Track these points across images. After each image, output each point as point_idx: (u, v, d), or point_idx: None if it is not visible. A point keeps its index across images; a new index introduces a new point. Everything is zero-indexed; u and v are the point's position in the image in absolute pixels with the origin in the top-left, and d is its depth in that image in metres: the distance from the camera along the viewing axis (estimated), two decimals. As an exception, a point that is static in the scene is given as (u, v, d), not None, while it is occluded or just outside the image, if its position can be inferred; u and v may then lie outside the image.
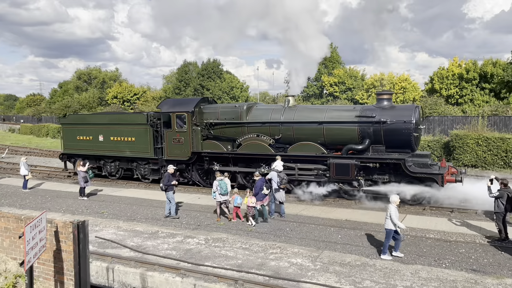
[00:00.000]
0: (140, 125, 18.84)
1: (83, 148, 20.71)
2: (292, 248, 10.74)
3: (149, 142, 18.68)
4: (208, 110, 18.24)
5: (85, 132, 20.51)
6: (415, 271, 9.12)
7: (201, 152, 17.97)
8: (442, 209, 14.04)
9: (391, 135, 14.96)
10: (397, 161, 14.42)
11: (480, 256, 9.94)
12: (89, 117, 22.36)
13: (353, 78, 46.50)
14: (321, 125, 15.96)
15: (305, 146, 16.17)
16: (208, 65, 56.61)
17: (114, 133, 19.59)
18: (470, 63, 40.59)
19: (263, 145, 16.79)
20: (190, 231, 12.39)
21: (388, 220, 9.89)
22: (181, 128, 18.10)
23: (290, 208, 14.78)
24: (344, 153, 15.43)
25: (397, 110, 15.39)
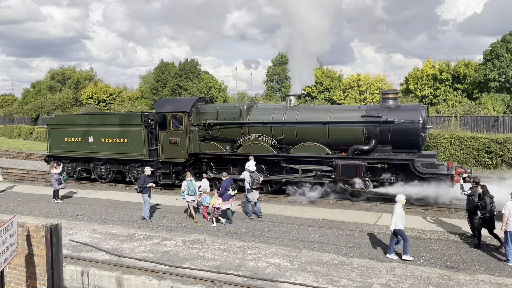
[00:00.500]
0: (134, 126, 18.13)
1: (71, 150, 19.85)
2: (270, 248, 10.75)
3: (143, 144, 17.99)
4: (206, 110, 17.65)
5: (74, 133, 19.63)
6: (390, 268, 9.26)
7: (199, 154, 17.32)
8: (416, 207, 14.31)
9: (398, 135, 14.73)
10: (406, 162, 14.18)
11: (453, 253, 10.18)
12: (78, 117, 21.40)
13: (330, 79, 47.02)
14: (325, 125, 15.59)
15: (309, 147, 15.77)
16: (185, 65, 56.22)
17: (105, 134, 18.82)
18: (443, 64, 41.60)
19: (265, 146, 16.22)
20: (168, 233, 12.25)
21: (392, 219, 9.85)
22: (177, 128, 17.45)
23: (268, 208, 14.80)
24: (350, 154, 15.11)
25: (404, 109, 15.17)
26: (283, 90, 51.39)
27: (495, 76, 38.00)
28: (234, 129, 17.17)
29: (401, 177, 14.42)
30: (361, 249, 10.61)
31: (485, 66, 39.20)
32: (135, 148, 18.22)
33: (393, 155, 14.82)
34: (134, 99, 56.25)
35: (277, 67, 52.58)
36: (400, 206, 9.95)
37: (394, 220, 9.81)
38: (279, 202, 15.93)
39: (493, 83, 37.88)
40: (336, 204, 15.32)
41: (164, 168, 17.91)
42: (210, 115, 17.40)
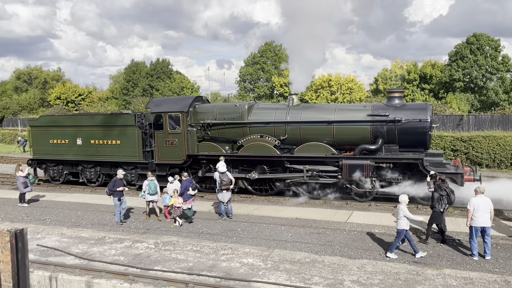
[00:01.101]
0: (127, 127, 17.43)
1: (57, 153, 18.94)
2: (244, 248, 10.77)
3: (137, 145, 17.32)
4: (204, 109, 17.14)
5: (60, 135, 18.74)
6: (361, 265, 9.44)
7: (197, 155, 16.78)
8: (386, 204, 14.64)
9: (406, 134, 14.56)
10: (415, 161, 14.02)
11: (421, 249, 10.46)
12: (65, 118, 20.31)
13: (302, 79, 47.40)
14: (330, 124, 15.31)
15: (313, 147, 15.44)
16: (157, 65, 55.54)
17: (95, 135, 18.03)
18: (411, 65, 42.74)
19: (268, 146, 15.81)
20: (139, 236, 12.08)
21: (401, 221, 9.89)
22: (174, 129, 16.86)
23: (241, 208, 14.82)
24: (357, 154, 14.83)
25: (411, 108, 15.04)
26: (256, 91, 51.54)
27: (460, 77, 39.35)
28: (234, 129, 16.67)
29: (408, 176, 14.26)
30: (333, 247, 10.77)
31: (451, 67, 40.54)
32: (128, 149, 17.50)
33: (400, 155, 14.64)
34: (104, 100, 55.15)
35: (249, 68, 52.65)
36: (405, 205, 10.00)
37: (412, 217, 9.97)
38: (253, 202, 15.97)
39: (458, 83, 39.21)
40: (308, 203, 15.48)
41: (159, 170, 17.24)
42: (209, 115, 16.87)
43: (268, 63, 52.20)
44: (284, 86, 46.93)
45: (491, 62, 38.87)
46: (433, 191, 10.91)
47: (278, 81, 47.48)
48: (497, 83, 39.49)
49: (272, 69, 51.51)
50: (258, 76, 52.30)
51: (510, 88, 39.28)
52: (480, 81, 38.99)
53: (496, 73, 39.49)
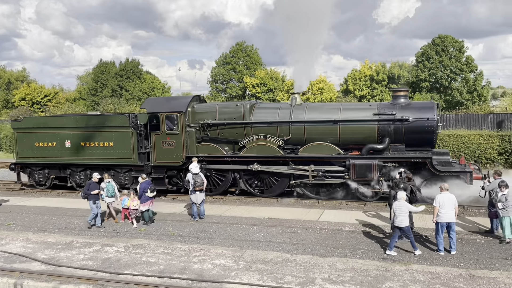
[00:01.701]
0: (121, 128, 16.73)
1: (43, 156, 18.02)
2: (216, 249, 10.72)
3: (132, 147, 16.63)
4: (203, 109, 16.65)
5: (47, 138, 17.85)
6: (332, 263, 9.57)
7: (197, 157, 15.94)
8: (356, 203, 14.89)
9: (413, 133, 14.45)
10: (423, 160, 13.91)
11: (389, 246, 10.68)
12: (52, 120, 19.17)
13: (274, 80, 47.69)
14: (336, 124, 15.08)
15: (319, 147, 15.16)
16: (126, 65, 54.57)
17: (85, 137, 17.24)
18: (379, 65, 43.65)
19: (272, 146, 15.45)
20: (108, 239, 11.82)
21: (405, 217, 9.92)
22: (171, 130, 16.27)
23: (214, 209, 14.74)
24: (364, 153, 14.61)
25: (418, 107, 14.93)
26: (228, 91, 51.43)
27: (426, 77, 40.52)
28: (236, 129, 16.23)
29: (415, 176, 13.72)
30: (304, 246, 10.87)
31: (417, 67, 41.68)
32: (122, 152, 16.80)
33: (408, 154, 14.53)
34: (71, 101, 53.72)
35: (221, 68, 52.48)
36: (404, 201, 10.08)
37: (413, 209, 10.09)
38: (225, 203, 15.91)
39: (425, 84, 40.36)
40: (280, 202, 15.56)
41: (156, 172, 16.65)
42: (208, 115, 16.39)
43: (239, 63, 52.18)
44: (256, 87, 47.02)
45: (455, 63, 40.20)
46: (391, 189, 11.16)
47: (250, 82, 47.53)
48: (461, 83, 40.86)
49: (244, 70, 51.53)
50: (230, 77, 52.20)
51: (473, 88, 40.72)
52: (445, 81, 40.27)
53: (460, 74, 40.88)
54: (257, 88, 46.91)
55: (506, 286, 8.17)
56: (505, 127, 25.46)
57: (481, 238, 10.98)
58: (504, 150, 21.28)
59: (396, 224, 10.00)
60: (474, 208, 13.53)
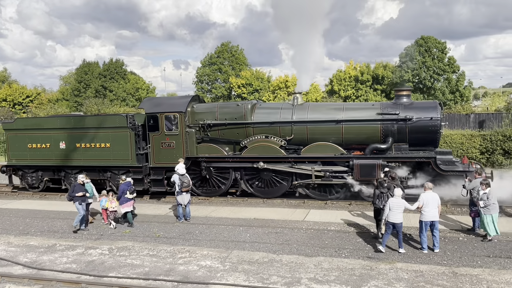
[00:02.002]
0: (118, 129, 16.35)
1: (36, 158, 17.54)
2: (202, 250, 10.67)
3: (129, 148, 16.27)
4: (203, 109, 16.48)
5: (40, 139, 17.39)
6: (318, 262, 9.61)
7: (197, 157, 16.03)
8: (342, 202, 14.99)
9: (417, 133, 14.44)
10: (427, 160, 13.91)
11: (374, 244, 10.76)
12: (45, 120, 18.56)
13: (259, 80, 47.75)
14: (339, 124, 15.01)
15: (322, 147, 15.04)
16: (110, 65, 54.00)
17: (81, 138, 16.80)
18: (364, 66, 44.04)
19: (274, 147, 15.31)
20: (92, 242, 11.67)
21: (400, 214, 9.99)
22: (171, 130, 16.01)
23: (199, 210, 14.67)
24: (368, 153, 14.51)
25: (421, 107, 14.94)
26: (213, 91, 51.31)
27: (409, 77, 41.05)
28: (237, 129, 16.06)
29: (418, 175, 14.10)
30: (290, 246, 10.89)
31: (401, 68, 42.19)
32: (119, 153, 16.42)
33: (412, 153, 14.49)
34: (54, 101, 52.92)
35: (206, 68, 52.31)
36: (401, 199, 10.16)
37: (410, 207, 10.13)
38: (211, 203, 15.86)
39: (408, 84, 40.84)
40: (266, 202, 15.57)
41: (155, 174, 16.35)
42: (208, 115, 16.20)
43: (225, 64, 52.10)
44: (241, 87, 47.01)
45: (438, 64, 40.82)
46: (375, 188, 11.25)
47: (236, 82, 47.49)
48: (443, 84, 41.52)
49: (230, 70, 51.48)
50: (215, 77, 52.08)
51: (455, 89, 41.41)
52: (428, 82, 40.85)
53: (443, 74, 41.53)
54: (242, 89, 46.91)
55: (488, 283, 8.31)
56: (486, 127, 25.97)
57: (463, 236, 11.16)
58: (485, 149, 21.68)
59: (390, 220, 10.05)
60: (457, 207, 13.74)
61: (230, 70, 51.45)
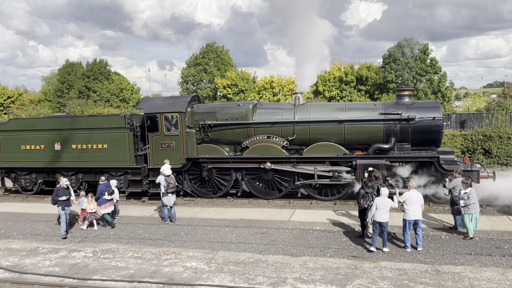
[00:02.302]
0: (116, 129, 16.02)
1: (30, 159, 17.09)
2: (187, 252, 10.63)
3: (128, 149, 15.95)
4: (203, 109, 16.33)
5: (34, 140, 16.97)
6: (303, 262, 9.66)
7: (198, 158, 15.76)
8: (327, 202, 15.10)
9: (419, 133, 14.48)
10: (431, 159, 13.92)
11: (359, 243, 10.88)
12: (40, 122, 17.98)
13: (245, 81, 47.78)
14: (341, 124, 14.96)
15: (324, 147, 14.97)
16: (94, 66, 53.37)
17: (77, 140, 16.49)
18: (348, 67, 44.41)
19: (276, 147, 15.20)
20: (76, 244, 11.52)
21: (386, 213, 10.07)
22: (170, 131, 15.75)
23: (185, 211, 14.62)
24: (371, 153, 14.48)
25: (424, 107, 15.00)
26: (199, 92, 51.14)
27: (393, 78, 41.57)
28: (238, 130, 15.91)
29: (420, 175, 14.12)
30: (276, 246, 10.93)
31: (384, 69, 42.70)
32: (117, 154, 16.10)
33: (415, 153, 14.53)
34: (36, 102, 52.04)
35: (191, 69, 52.11)
36: (388, 199, 10.21)
37: (395, 205, 10.22)
38: (196, 205, 15.81)
39: (391, 85, 41.39)
40: (252, 203, 15.59)
41: (154, 175, 15.82)
42: (209, 115, 16.05)
43: (210, 64, 51.98)
44: (227, 88, 46.96)
45: (420, 65, 41.44)
46: (360, 188, 11.39)
47: (221, 83, 47.42)
48: (426, 84, 42.15)
49: (215, 71, 51.37)
50: (200, 78, 51.93)
51: (437, 89, 42.08)
52: (411, 83, 41.40)
53: (425, 75, 42.17)
54: (228, 89, 46.88)
55: (470, 281, 8.47)
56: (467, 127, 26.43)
57: (445, 235, 11.35)
58: (466, 149, 22.08)
59: (377, 220, 10.13)
60: (439, 206, 13.97)
61: (215, 71, 51.36)
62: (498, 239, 10.82)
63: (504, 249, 10.13)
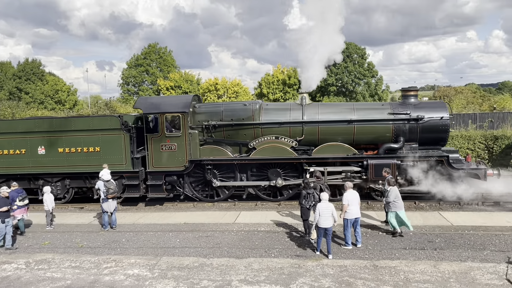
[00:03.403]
0: (110, 131, 15.10)
1: (7, 166, 15.62)
2: (129, 259, 10.29)
3: (124, 152, 15.08)
4: (206, 110, 15.71)
5: (12, 144, 15.55)
6: (248, 264, 9.70)
7: (201, 160, 15.11)
8: (271, 203, 15.28)
9: (427, 132, 14.63)
10: (440, 159, 14.14)
11: (302, 243, 11.09)
12: (19, 124, 16.22)
13: (189, 82, 47.24)
14: (351, 124, 14.88)
15: (334, 147, 14.82)
16: (26, 66, 50.30)
17: (64, 142, 15.32)
18: (291, 70, 45.31)
19: (285, 148, 14.86)
20: (6, 256, 10.75)
21: (328, 218, 9.97)
22: (171, 132, 15.03)
23: (126, 217, 14.16)
24: (381, 153, 14.50)
25: (431, 107, 15.16)
26: (141, 94, 49.81)
27: (333, 81, 43.03)
28: (244, 130, 15.38)
29: (429, 174, 14.21)
30: (221, 249, 10.88)
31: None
32: (111, 157, 15.14)
33: (426, 152, 14.64)
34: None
35: (133, 70, 50.65)
36: (330, 203, 10.18)
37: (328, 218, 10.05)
38: (138, 210, 15.36)
39: (332, 88, 42.85)
40: (197, 206, 15.42)
41: (153, 179, 15.26)
42: (212, 116, 15.44)
43: (152, 65, 50.84)
44: (170, 90, 46.16)
45: (358, 69, 43.27)
46: (302, 188, 11.60)
47: (164, 84, 46.53)
48: (364, 87, 44.09)
49: (158, 72, 50.31)
50: (142, 79, 50.65)
51: (375, 92, 44.14)
52: (350, 86, 43.15)
53: (363, 79, 44.10)
54: (171, 91, 46.11)
55: (405, 274, 8.94)
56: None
57: (383, 231, 11.89)
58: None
59: (322, 226, 10.02)
60: (378, 203, 14.61)
61: (158, 72, 50.33)
62: (430, 234, 11.52)
63: (436, 243, 10.80)
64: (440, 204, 14.30)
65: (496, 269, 8.98)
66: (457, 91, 49.37)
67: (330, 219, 10.05)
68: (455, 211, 13.70)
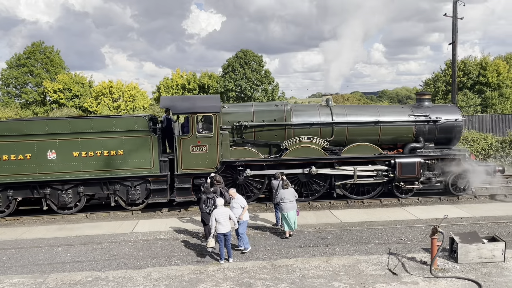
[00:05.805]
0: (136, 132, 13.99)
1: (8, 172, 13.70)
2: (11, 279, 9.28)
3: (151, 154, 14.09)
4: (235, 110, 15.43)
5: (17, 148, 13.70)
6: (147, 274, 9.38)
7: (233, 161, 14.50)
8: (172, 211, 14.99)
9: (444, 133, 15.81)
10: (457, 156, 15.31)
11: (203, 249, 11.06)
12: (27, 125, 14.02)
13: (80, 85, 44.23)
14: (377, 125, 15.52)
15: (362, 147, 15.35)
16: None
17: (81, 146, 13.85)
18: (190, 74, 45.12)
19: (316, 148, 15.01)
20: None
21: (225, 223, 9.87)
22: (202, 132, 14.26)
23: (7, 233, 12.78)
24: (406, 152, 15.41)
25: (446, 109, 16.22)
26: (23, 96, 45.32)
27: (232, 87, 43.88)
28: (276, 131, 15.22)
29: (443, 171, 15.46)
30: (117, 260, 10.37)
31: (224, 78, 44.76)
32: (136, 161, 14.10)
33: (447, 151, 15.78)
34: None
35: (14, 70, 45.80)
36: (226, 208, 10.01)
37: (224, 224, 9.91)
38: (22, 224, 13.93)
39: (231, 93, 43.66)
40: (89, 217, 14.48)
41: (180, 182, 14.29)
42: (243, 116, 15.09)
43: (37, 66, 46.55)
44: (59, 92, 42.72)
45: (256, 75, 44.69)
46: (202, 193, 11.59)
47: (51, 87, 42.90)
48: (261, 94, 45.66)
49: (43, 73, 46.23)
50: (25, 80, 46.04)
51: (271, 98, 45.95)
52: (249, 92, 44.36)
53: (261, 85, 45.65)
54: (60, 94, 42.72)
55: (301, 271, 9.43)
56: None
57: (281, 231, 12.39)
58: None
59: (220, 232, 9.96)
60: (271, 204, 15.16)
61: (43, 73, 46.21)
62: (322, 231, 12.32)
63: (328, 239, 11.59)
64: (331, 203, 15.38)
65: (379, 260, 9.93)
66: (344, 98, 53.73)
67: (228, 224, 10.07)
68: (343, 209, 14.85)
